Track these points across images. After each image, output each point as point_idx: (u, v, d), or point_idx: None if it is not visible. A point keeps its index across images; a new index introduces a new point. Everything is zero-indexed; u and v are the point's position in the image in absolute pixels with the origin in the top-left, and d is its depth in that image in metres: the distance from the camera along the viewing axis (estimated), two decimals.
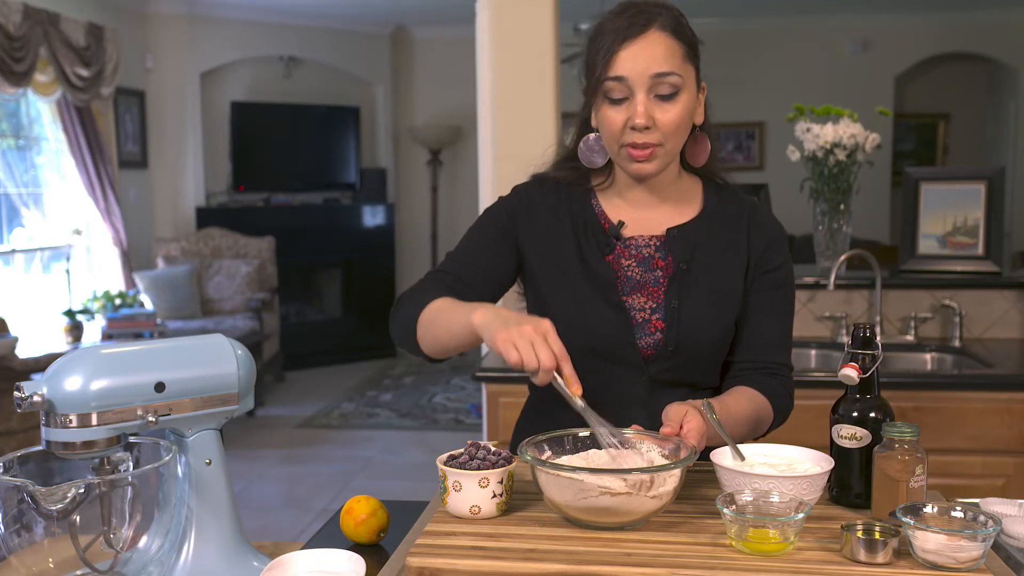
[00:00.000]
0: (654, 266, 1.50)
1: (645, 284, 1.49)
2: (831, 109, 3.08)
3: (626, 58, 1.39)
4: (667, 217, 1.52)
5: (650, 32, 1.39)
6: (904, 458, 1.19)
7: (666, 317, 1.47)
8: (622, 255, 1.51)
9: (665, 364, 1.48)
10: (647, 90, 1.39)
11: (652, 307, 1.48)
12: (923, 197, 3.12)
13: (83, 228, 6.11)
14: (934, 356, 2.93)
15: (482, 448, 1.28)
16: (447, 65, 7.99)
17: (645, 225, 1.52)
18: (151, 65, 6.93)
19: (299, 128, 7.52)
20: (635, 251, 1.51)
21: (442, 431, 5.67)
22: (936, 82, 8.17)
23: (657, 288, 1.49)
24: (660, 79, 1.39)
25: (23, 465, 1.12)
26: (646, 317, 1.48)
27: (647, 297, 1.49)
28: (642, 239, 1.51)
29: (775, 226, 1.56)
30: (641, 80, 1.39)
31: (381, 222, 7.87)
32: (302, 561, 1.14)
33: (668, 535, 1.17)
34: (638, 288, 1.49)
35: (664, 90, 1.40)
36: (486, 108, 3.17)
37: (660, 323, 1.47)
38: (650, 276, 1.49)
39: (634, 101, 1.40)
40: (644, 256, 1.50)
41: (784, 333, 1.55)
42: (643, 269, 1.50)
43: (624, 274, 1.50)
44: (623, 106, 1.41)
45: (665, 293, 1.48)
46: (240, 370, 1.20)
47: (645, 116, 1.39)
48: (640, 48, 1.39)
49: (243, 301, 6.53)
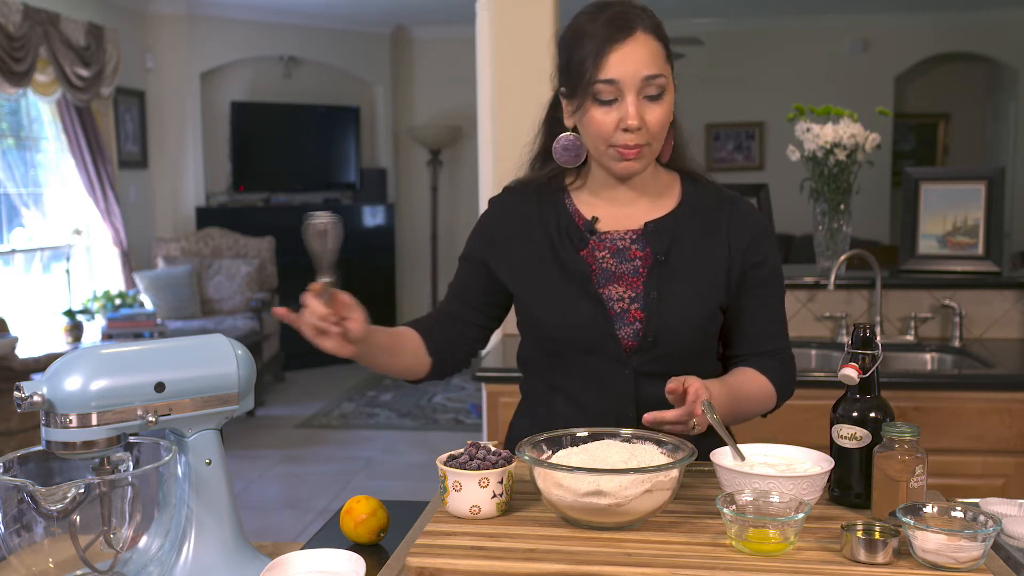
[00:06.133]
0: (631, 256, 1.51)
1: (622, 275, 1.51)
2: (831, 109, 3.08)
3: (616, 61, 1.40)
4: (644, 212, 1.54)
5: (637, 34, 1.42)
6: (904, 458, 1.19)
7: (645, 307, 1.48)
8: (596, 248, 1.52)
9: (647, 356, 1.49)
10: (636, 92, 1.41)
11: (630, 297, 1.50)
12: (923, 197, 3.13)
13: (83, 228, 6.11)
14: (934, 356, 2.93)
15: (482, 448, 1.28)
16: (447, 65, 7.99)
17: (622, 221, 1.54)
18: (151, 65, 6.93)
19: (299, 128, 7.52)
20: (610, 243, 1.52)
21: (442, 431, 5.67)
22: (936, 82, 8.17)
23: (636, 279, 1.50)
24: (649, 81, 1.41)
25: (23, 465, 1.12)
26: (624, 307, 1.49)
27: (625, 287, 1.50)
28: (617, 233, 1.53)
29: (758, 219, 1.57)
30: (632, 82, 1.41)
31: (381, 222, 7.87)
32: (302, 561, 1.14)
33: (668, 535, 1.17)
34: (614, 279, 1.51)
35: (652, 91, 1.42)
36: (486, 108, 3.17)
37: (639, 313, 1.49)
38: (627, 267, 1.51)
39: (625, 103, 1.41)
40: (619, 248, 1.52)
41: (779, 320, 1.58)
42: (618, 260, 1.51)
43: (599, 266, 1.51)
44: (612, 107, 1.42)
45: (644, 284, 1.50)
46: (240, 370, 1.20)
47: (637, 116, 1.41)
48: (630, 51, 1.41)
49: (243, 301, 6.53)
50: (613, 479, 1.15)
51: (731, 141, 8.17)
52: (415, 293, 8.40)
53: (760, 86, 7.85)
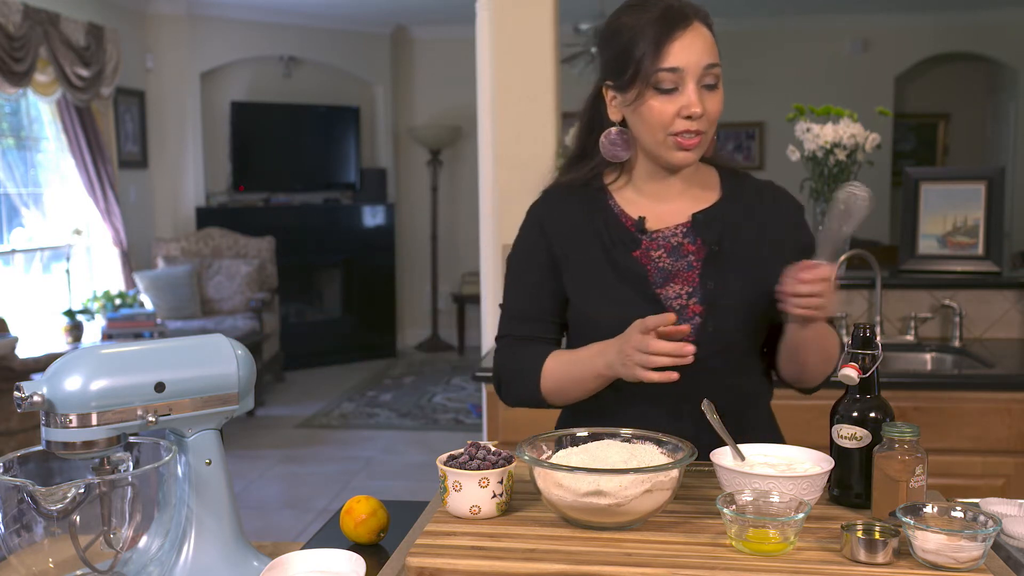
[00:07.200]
0: (684, 251, 1.51)
1: (678, 272, 1.50)
2: (831, 109, 3.08)
3: (679, 50, 1.42)
4: (688, 206, 1.54)
5: (694, 24, 1.44)
6: (904, 458, 1.19)
7: (703, 300, 1.48)
8: (650, 248, 1.52)
9: (707, 349, 1.46)
10: (698, 80, 1.43)
11: (687, 293, 1.49)
12: (923, 197, 3.13)
13: (83, 228, 6.11)
14: (934, 356, 2.93)
15: (482, 448, 1.28)
16: (447, 65, 7.99)
17: (667, 217, 1.53)
18: (151, 65, 6.92)
19: (299, 128, 7.51)
20: (663, 241, 1.52)
21: (442, 431, 5.67)
22: (936, 82, 8.17)
23: (691, 272, 1.50)
24: (709, 70, 1.43)
25: (23, 465, 1.12)
26: (683, 303, 1.49)
27: (682, 283, 1.50)
28: (668, 230, 1.53)
29: (795, 202, 1.61)
30: (694, 70, 1.42)
31: (381, 222, 7.87)
32: (302, 561, 1.14)
33: (668, 535, 1.17)
34: (671, 278, 1.50)
35: (710, 80, 1.44)
36: (486, 108, 3.17)
37: (697, 307, 1.49)
38: (682, 263, 1.51)
39: (686, 91, 1.42)
40: (673, 245, 1.52)
41: None
42: (674, 258, 1.51)
43: (655, 266, 1.51)
44: (673, 96, 1.43)
45: (700, 275, 1.50)
46: (240, 370, 1.20)
47: (699, 103, 1.42)
48: (691, 39, 1.42)
49: (243, 301, 6.53)
50: (613, 479, 1.15)
51: (731, 141, 8.17)
52: (415, 293, 8.40)
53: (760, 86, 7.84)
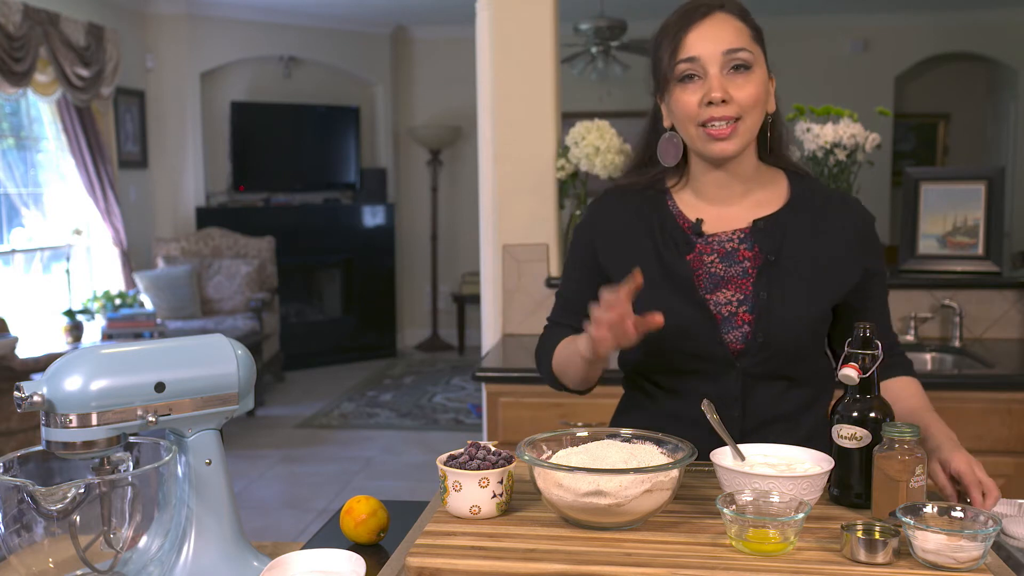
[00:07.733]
0: (739, 258, 1.48)
1: (730, 279, 1.47)
2: (831, 109, 3.08)
3: (694, 39, 1.41)
4: (750, 211, 1.50)
5: (715, 14, 1.42)
6: (904, 458, 1.19)
7: (753, 309, 1.45)
8: (704, 252, 1.49)
9: (756, 358, 1.45)
10: (720, 66, 1.41)
11: (738, 300, 1.47)
12: (923, 197, 3.13)
13: (83, 228, 6.11)
14: (934, 356, 2.93)
15: (482, 448, 1.28)
16: (447, 65, 7.99)
17: (727, 221, 1.50)
18: (151, 65, 6.93)
19: (299, 128, 7.52)
20: (718, 246, 1.49)
21: (442, 431, 5.67)
22: (936, 82, 8.17)
23: (744, 280, 1.47)
24: (732, 55, 1.41)
25: (23, 465, 1.12)
26: (732, 311, 1.46)
27: (733, 290, 1.47)
28: (725, 235, 1.49)
29: (868, 215, 1.55)
30: (713, 57, 1.41)
31: (381, 222, 7.87)
32: (302, 561, 1.14)
33: (668, 535, 1.17)
34: (722, 284, 1.47)
35: (737, 63, 1.41)
36: (486, 108, 3.17)
37: (747, 315, 1.46)
38: (736, 269, 1.47)
39: (708, 77, 1.41)
40: (728, 250, 1.48)
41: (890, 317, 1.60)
42: (727, 264, 1.48)
43: (706, 271, 1.48)
44: (696, 85, 1.42)
45: (754, 284, 1.46)
46: (240, 370, 1.20)
47: (721, 88, 1.40)
48: (707, 28, 1.41)
49: (243, 301, 6.53)
50: (613, 479, 1.15)
51: None
52: (415, 293, 8.40)
53: None
